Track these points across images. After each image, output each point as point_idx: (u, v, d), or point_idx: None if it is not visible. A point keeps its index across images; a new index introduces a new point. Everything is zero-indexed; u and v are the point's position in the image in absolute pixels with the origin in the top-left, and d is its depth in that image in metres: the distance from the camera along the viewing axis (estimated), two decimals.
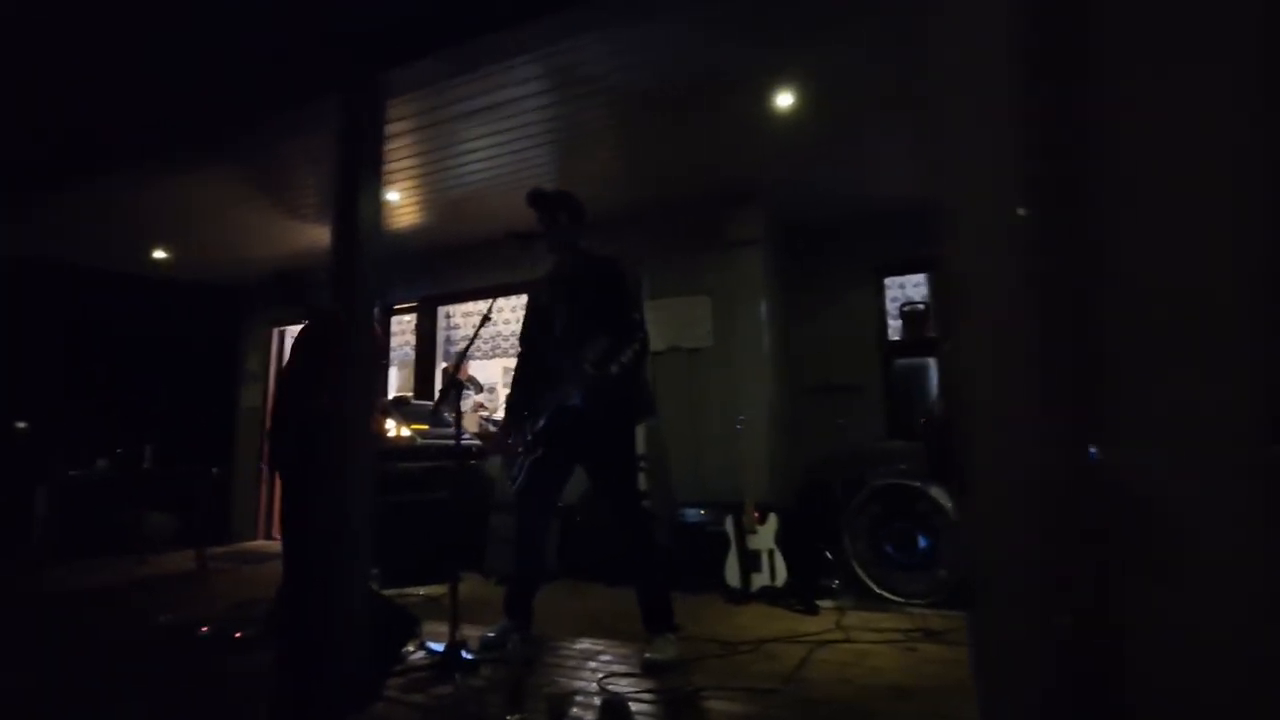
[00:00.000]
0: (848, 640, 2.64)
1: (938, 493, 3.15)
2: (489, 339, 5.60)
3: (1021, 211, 0.82)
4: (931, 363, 4.31)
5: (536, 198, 2.66)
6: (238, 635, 2.81)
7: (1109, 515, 0.74)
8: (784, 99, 3.25)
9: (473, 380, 5.35)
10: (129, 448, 5.20)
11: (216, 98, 3.53)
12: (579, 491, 3.78)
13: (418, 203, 4.70)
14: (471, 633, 2.59)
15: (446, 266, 5.33)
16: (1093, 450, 0.77)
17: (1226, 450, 0.74)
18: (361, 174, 2.64)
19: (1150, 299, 0.75)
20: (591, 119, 3.53)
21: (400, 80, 3.23)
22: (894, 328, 4.58)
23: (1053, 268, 0.80)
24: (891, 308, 4.64)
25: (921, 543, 3.22)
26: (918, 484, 3.19)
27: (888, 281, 4.67)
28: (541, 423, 2.60)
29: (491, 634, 2.60)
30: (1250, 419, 0.73)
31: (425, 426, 4.46)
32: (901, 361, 4.46)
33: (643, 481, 4.02)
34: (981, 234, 0.89)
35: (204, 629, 2.91)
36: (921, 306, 4.45)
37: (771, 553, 3.40)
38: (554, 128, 3.63)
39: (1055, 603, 0.78)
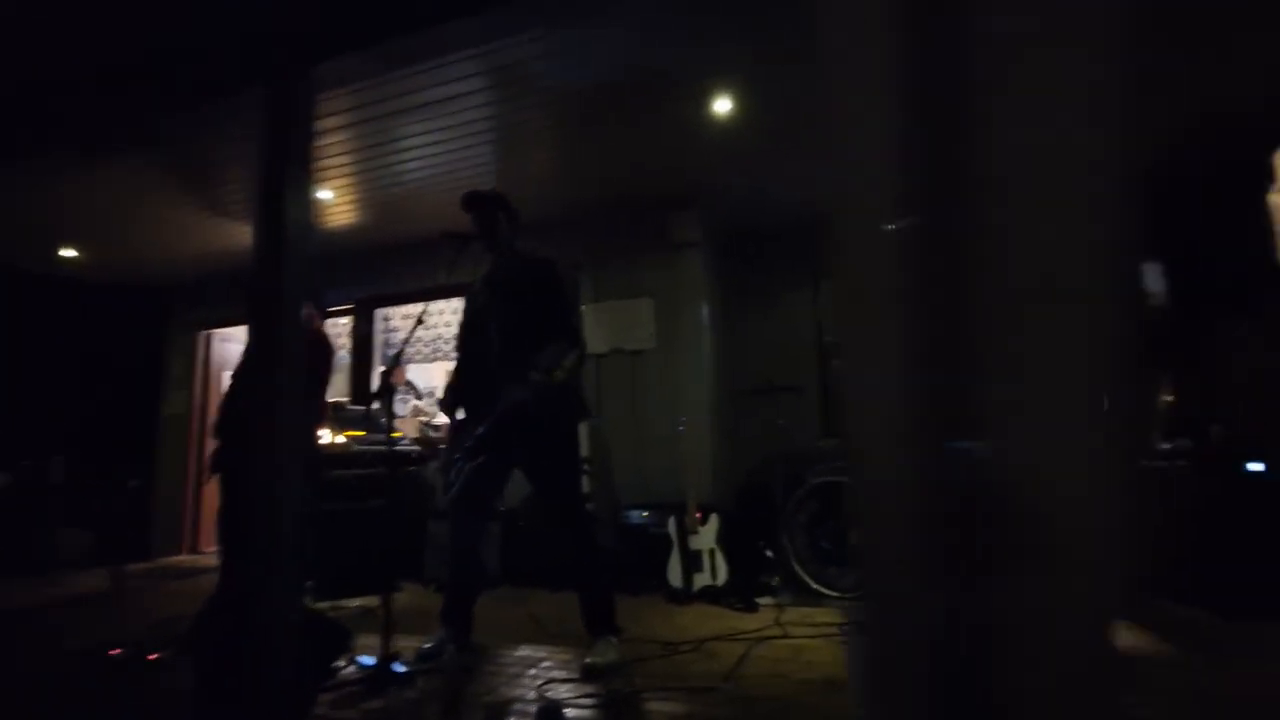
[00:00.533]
0: (785, 636, 2.70)
1: None
2: (429, 342, 5.47)
3: (892, 226, 0.86)
4: None
5: (471, 199, 2.63)
6: (152, 657, 2.65)
7: (978, 510, 0.78)
8: (723, 104, 3.30)
9: (410, 384, 5.22)
10: (36, 460, 4.84)
11: (133, 86, 3.33)
12: (521, 495, 3.73)
13: (353, 201, 4.56)
14: (409, 644, 2.53)
15: (384, 267, 5.19)
16: (965, 445, 0.81)
17: (1090, 444, 0.79)
18: (289, 170, 2.54)
19: (1018, 298, 0.80)
20: (531, 119, 3.51)
21: (331, 74, 3.13)
22: (832, 329, 4.72)
23: (926, 273, 0.84)
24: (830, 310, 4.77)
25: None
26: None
27: (824, 285, 4.80)
28: (481, 428, 2.56)
29: (428, 645, 2.54)
30: (1109, 414, 0.79)
31: (361, 432, 4.33)
32: (838, 363, 4.59)
33: (586, 484, 4.00)
34: (860, 244, 0.93)
35: (115, 651, 2.73)
36: None
37: (713, 552, 3.44)
38: (493, 126, 3.59)
39: (926, 597, 0.81)
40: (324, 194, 4.33)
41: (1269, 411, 3.62)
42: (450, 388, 2.78)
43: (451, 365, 4.59)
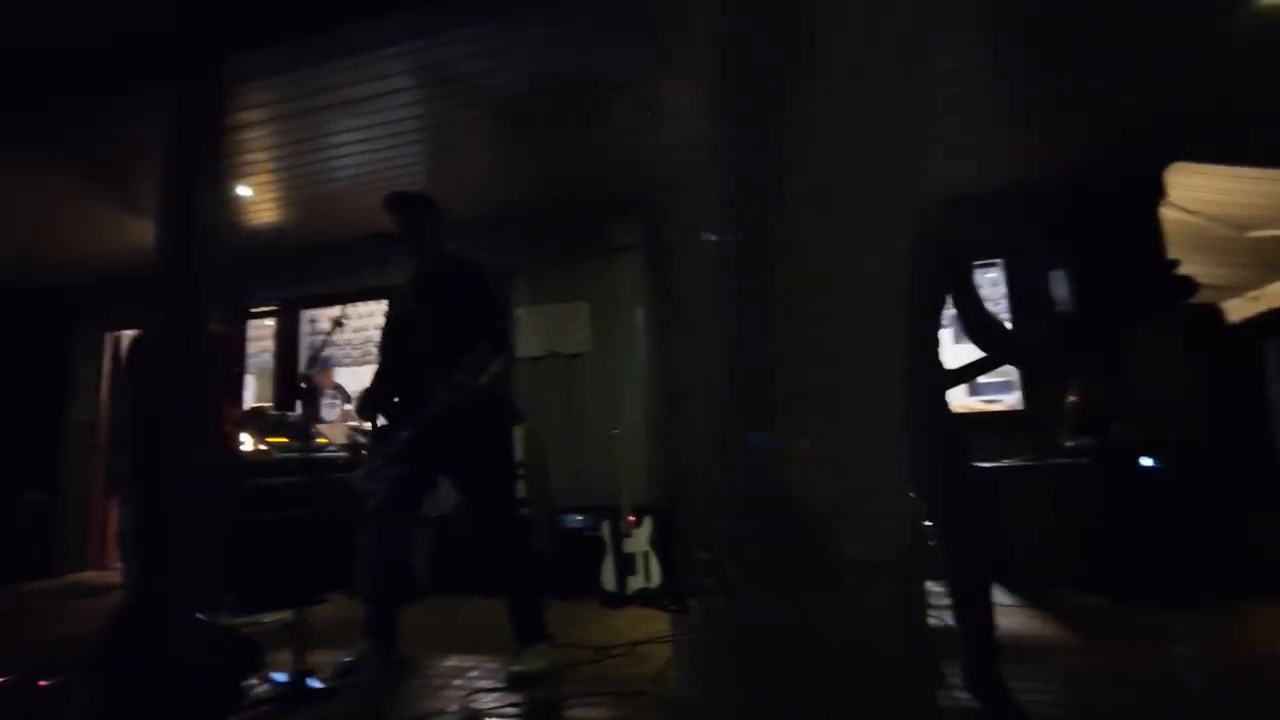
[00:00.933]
0: None
1: None
2: (359, 345, 5.30)
3: (712, 237, 0.89)
4: None
5: (394, 200, 2.57)
6: (43, 684, 2.47)
7: (781, 515, 0.82)
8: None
9: (339, 389, 5.05)
10: None
11: (32, 78, 3.11)
12: (454, 502, 3.66)
13: (277, 198, 4.38)
14: (331, 658, 2.44)
15: (312, 268, 4.99)
16: (769, 448, 0.84)
17: (887, 447, 0.84)
18: (198, 168, 2.42)
19: (825, 306, 0.84)
20: (465, 118, 3.45)
21: (249, 67, 3.00)
22: None
23: (744, 281, 0.88)
24: None
25: None
26: None
27: None
28: (406, 434, 2.50)
29: (349, 659, 2.45)
30: (908, 418, 0.83)
31: (284, 439, 4.16)
32: None
33: (521, 488, 3.96)
34: (690, 256, 0.97)
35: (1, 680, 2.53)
36: None
37: (647, 555, 3.45)
38: (424, 126, 3.51)
39: (736, 597, 0.84)
40: (244, 190, 4.14)
41: (1161, 410, 3.90)
42: (368, 393, 2.70)
43: None
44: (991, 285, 4.78)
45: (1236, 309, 6.73)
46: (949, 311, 2.08)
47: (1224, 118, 3.89)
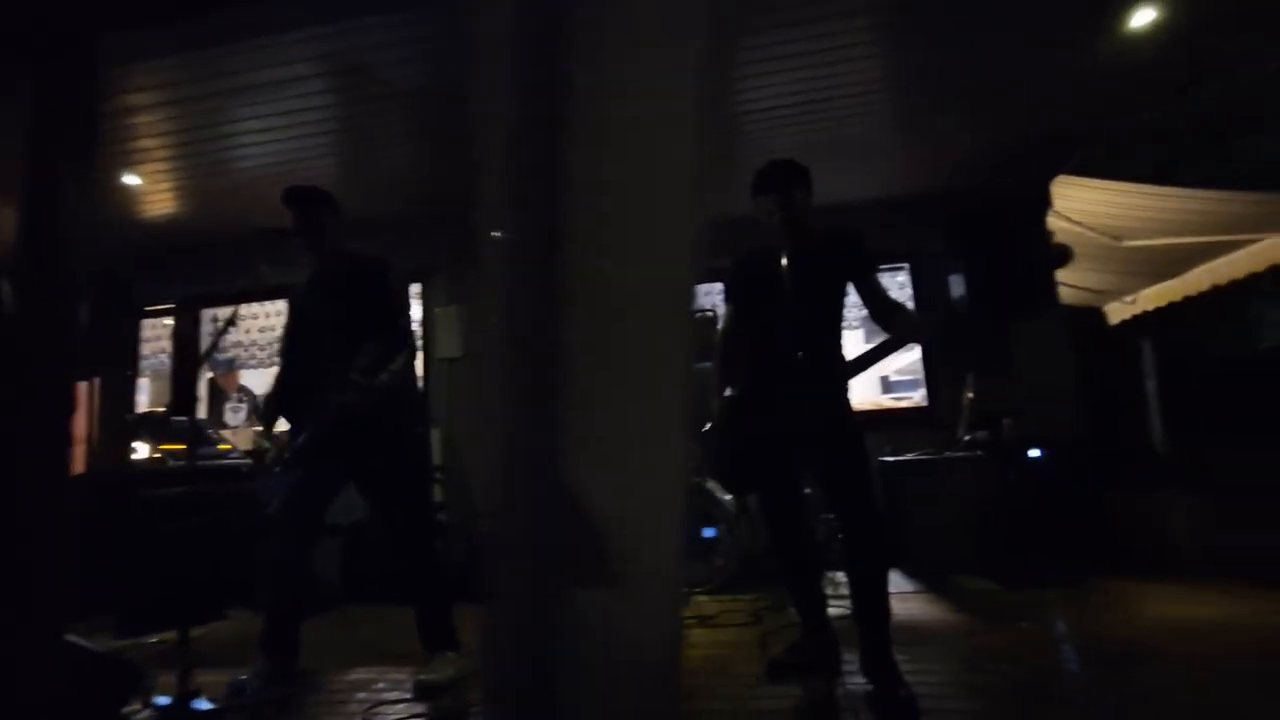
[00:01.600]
0: None
1: (714, 486, 3.40)
2: (266, 345, 5.03)
3: (496, 234, 0.92)
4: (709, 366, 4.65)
5: (291, 195, 2.46)
6: None
7: (560, 524, 0.84)
8: None
9: (245, 391, 4.78)
10: None
11: None
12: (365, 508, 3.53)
13: (172, 189, 4.11)
14: (225, 678, 2.30)
15: (214, 264, 4.69)
16: (554, 461, 0.86)
17: (663, 464, 0.88)
18: (64, 155, 2.22)
19: (605, 321, 0.88)
20: (377, 111, 3.33)
21: (135, 45, 2.81)
22: None
23: (523, 296, 0.91)
24: None
25: (706, 534, 3.45)
26: (697, 479, 3.42)
27: None
28: (302, 438, 2.39)
29: (244, 677, 2.33)
30: (683, 434, 0.88)
31: (181, 446, 3.89)
32: (706, 364, 4.75)
33: (438, 493, 3.86)
34: (479, 247, 1.00)
35: None
36: (710, 313, 4.79)
37: None
38: (332, 118, 3.37)
39: (515, 602, 0.87)
40: (131, 179, 3.86)
41: (1049, 406, 4.20)
42: (270, 396, 2.58)
43: None
44: (899, 287, 5.02)
45: (1116, 311, 7.34)
46: (853, 305, 2.18)
47: (1098, 136, 4.22)
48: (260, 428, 4.54)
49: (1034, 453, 3.64)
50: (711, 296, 4.76)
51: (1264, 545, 4.10)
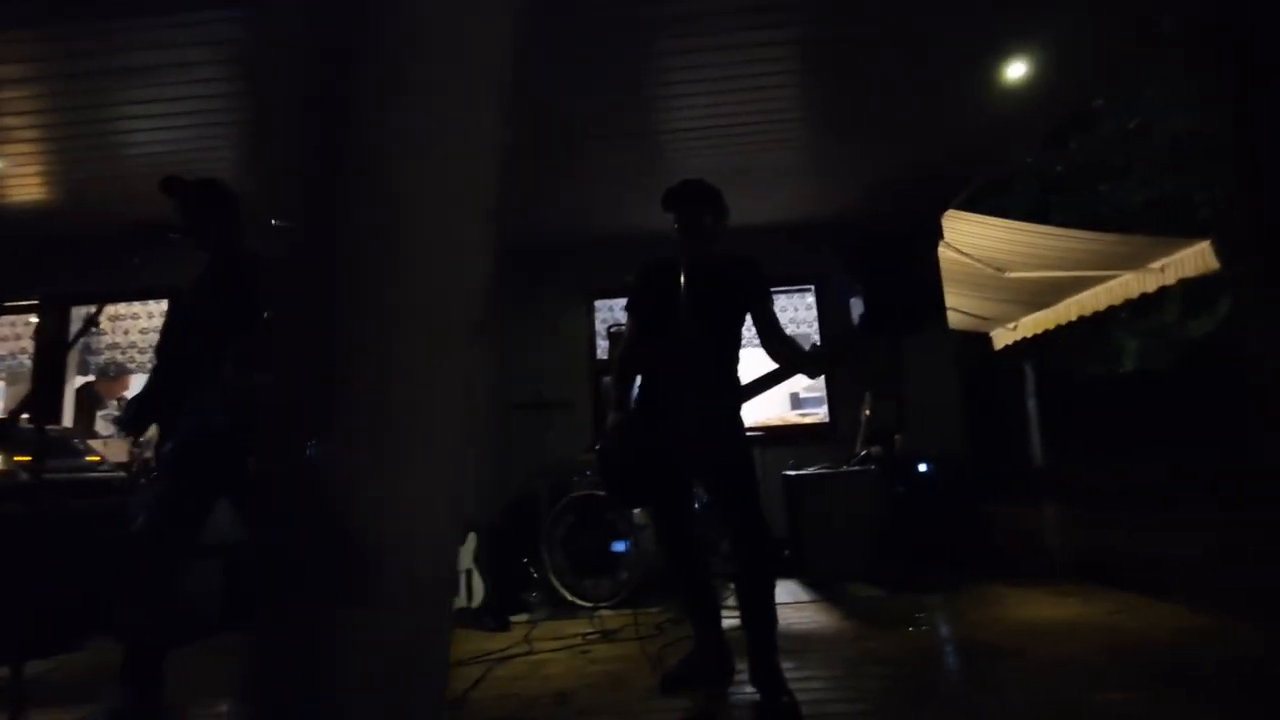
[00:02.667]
0: (529, 653, 2.70)
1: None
2: (146, 349, 4.64)
3: (275, 221, 0.94)
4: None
5: (171, 185, 2.28)
6: None
7: (331, 530, 0.86)
8: None
9: (124, 400, 4.39)
10: None
11: None
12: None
13: (43, 174, 3.76)
14: (79, 713, 2.09)
15: (91, 258, 4.30)
16: (323, 460, 0.88)
17: (446, 466, 0.91)
18: None
19: (384, 314, 0.90)
20: (270, 104, 3.17)
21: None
22: (602, 348, 4.90)
23: (310, 289, 0.93)
24: (601, 328, 4.96)
25: (617, 548, 3.45)
26: (603, 493, 3.43)
27: (597, 304, 4.99)
28: (169, 446, 2.22)
29: (94, 710, 2.12)
30: (462, 449, 0.91)
31: (33, 457, 3.52)
32: (607, 379, 4.78)
33: None
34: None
35: None
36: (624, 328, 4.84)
37: (470, 572, 3.35)
38: (226, 108, 3.18)
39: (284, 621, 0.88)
40: None
41: (936, 422, 4.49)
42: (137, 399, 2.37)
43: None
44: (807, 308, 5.25)
45: (1001, 337, 7.98)
46: (748, 329, 2.26)
47: (983, 174, 4.59)
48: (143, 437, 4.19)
49: (923, 467, 3.88)
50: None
51: (1116, 548, 4.53)
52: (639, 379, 2.34)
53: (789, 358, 2.12)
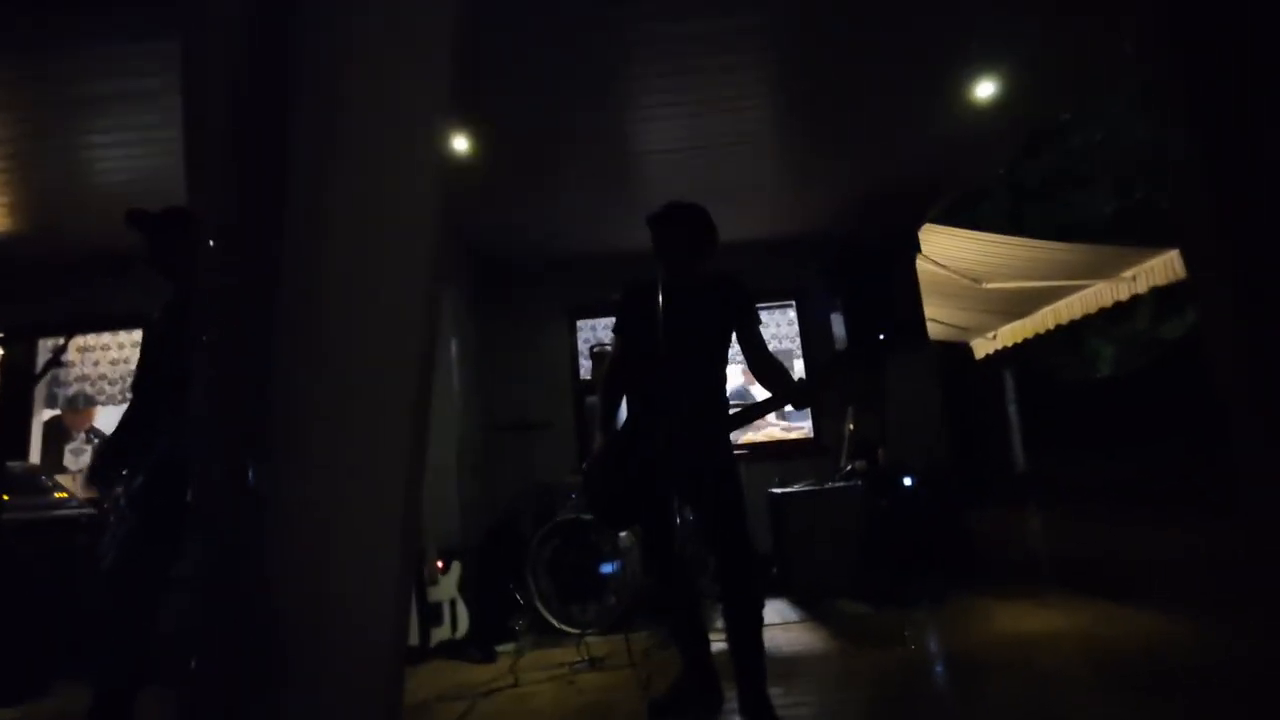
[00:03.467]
0: (514, 685, 2.65)
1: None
2: (118, 380, 4.53)
3: (212, 243, 0.95)
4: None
5: (136, 218, 2.24)
6: None
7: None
8: (461, 143, 3.28)
9: (94, 433, 4.29)
10: None
11: None
12: None
13: (8, 204, 3.67)
14: None
15: (57, 287, 4.21)
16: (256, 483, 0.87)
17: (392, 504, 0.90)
18: None
19: (320, 335, 0.90)
20: None
21: None
22: (585, 367, 4.88)
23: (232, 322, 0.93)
24: (583, 348, 4.94)
25: (604, 572, 3.41)
26: (590, 516, 3.39)
27: (580, 323, 4.97)
28: (140, 480, 2.15)
29: None
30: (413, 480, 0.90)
31: (4, 496, 3.41)
32: (591, 399, 4.75)
33: None
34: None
35: None
36: (610, 347, 4.82)
37: (454, 602, 3.29)
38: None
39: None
40: None
41: (919, 433, 4.51)
42: (107, 449, 2.30)
43: None
44: (789, 323, 5.27)
45: (980, 346, 8.08)
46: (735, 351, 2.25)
47: (958, 186, 4.65)
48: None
49: (907, 481, 3.89)
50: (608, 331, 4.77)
51: (1096, 553, 4.57)
52: (625, 400, 2.33)
53: (775, 390, 2.12)
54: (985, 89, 3.20)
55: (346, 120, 0.89)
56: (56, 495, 3.76)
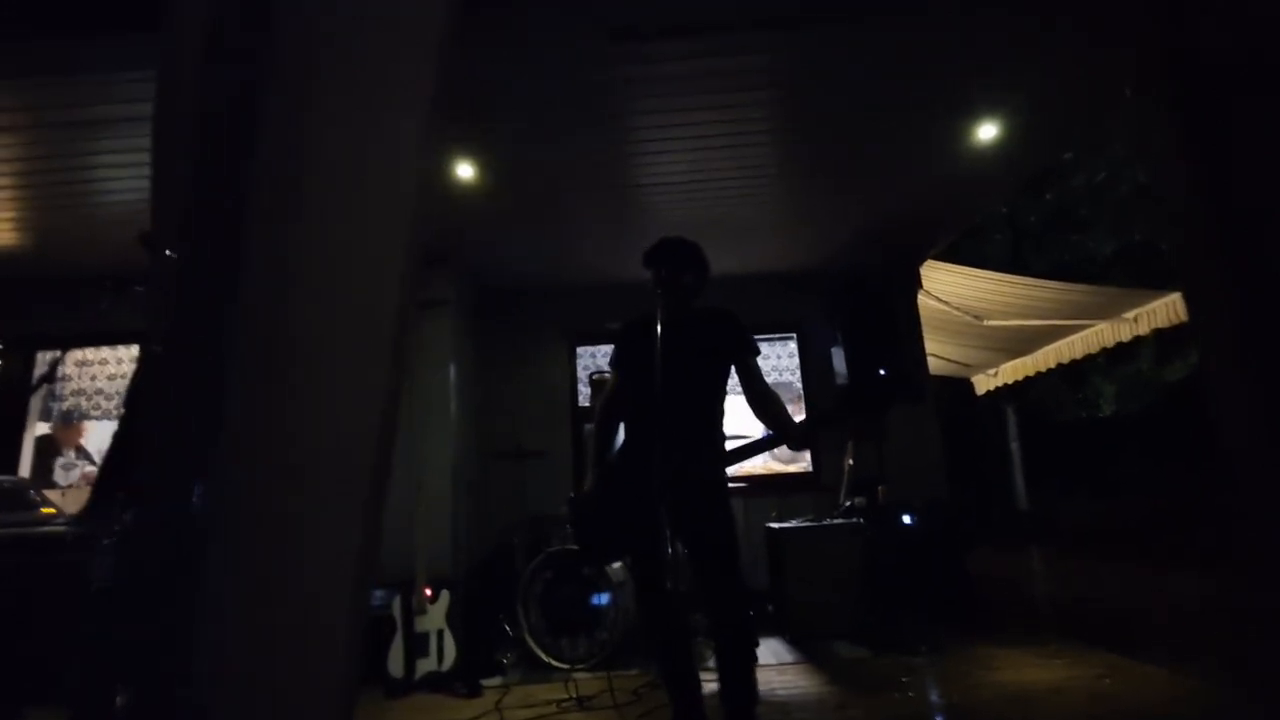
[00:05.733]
0: None
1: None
2: (114, 395, 4.51)
3: (169, 253, 0.94)
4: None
5: (151, 240, 2.24)
6: None
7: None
8: (465, 170, 3.30)
9: (82, 450, 4.25)
10: None
11: None
12: None
13: (14, 221, 3.69)
14: None
15: (58, 302, 4.21)
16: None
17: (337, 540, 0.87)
18: None
19: (281, 346, 0.87)
20: None
21: None
22: (584, 394, 4.85)
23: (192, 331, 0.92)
24: (583, 374, 4.92)
25: (595, 605, 3.33)
26: (576, 546, 3.33)
27: (579, 350, 4.95)
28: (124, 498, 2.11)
29: None
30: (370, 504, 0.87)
31: None
32: (590, 427, 4.71)
33: None
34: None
35: None
36: (609, 375, 4.79)
37: (441, 633, 3.22)
38: None
39: None
40: None
41: (919, 470, 4.46)
42: (109, 458, 2.27)
43: None
44: (789, 356, 5.25)
45: (982, 383, 8.05)
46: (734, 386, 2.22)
47: (959, 224, 4.67)
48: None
49: (907, 519, 3.83)
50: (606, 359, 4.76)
51: (1100, 600, 4.47)
52: (620, 434, 2.31)
53: (771, 427, 2.10)
54: (987, 131, 3.23)
55: (316, 124, 0.87)
56: (43, 510, 3.71)
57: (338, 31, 0.88)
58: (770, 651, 3.33)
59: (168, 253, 0.90)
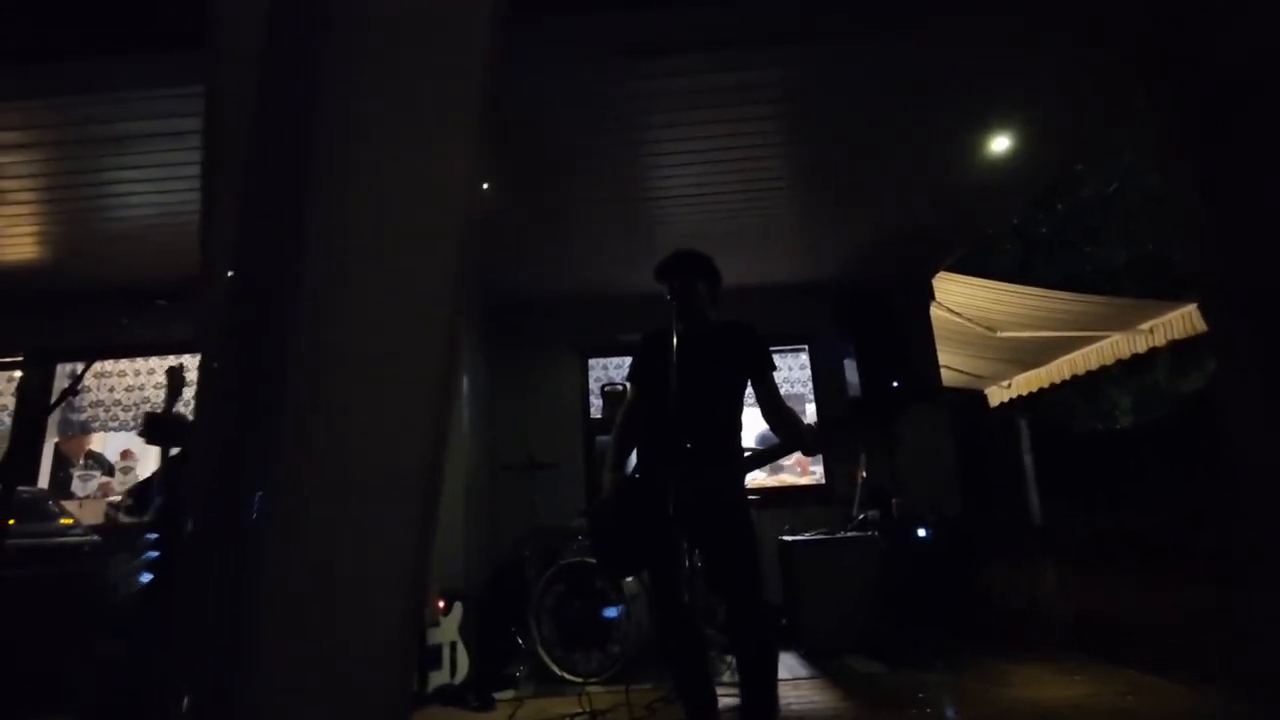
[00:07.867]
0: None
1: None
2: (130, 406, 4.56)
3: (161, 302, 0.97)
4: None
5: None
6: None
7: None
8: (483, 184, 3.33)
9: (94, 457, 4.29)
10: None
11: None
12: None
13: (39, 235, 3.76)
14: None
15: (81, 315, 4.28)
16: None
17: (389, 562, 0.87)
18: None
19: (334, 364, 0.88)
20: None
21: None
22: (596, 406, 4.86)
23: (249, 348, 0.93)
24: (594, 387, 4.92)
25: (608, 619, 3.32)
26: (593, 559, 3.32)
27: (591, 362, 4.96)
28: (156, 505, 2.14)
29: None
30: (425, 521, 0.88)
31: (10, 521, 3.40)
32: (602, 439, 4.71)
33: None
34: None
35: None
36: (620, 387, 4.80)
37: (454, 645, 3.21)
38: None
39: None
40: None
41: (932, 483, 4.42)
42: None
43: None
44: (801, 367, 5.24)
45: (995, 395, 7.98)
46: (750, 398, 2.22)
47: (972, 235, 4.66)
48: (113, 498, 4.07)
49: (922, 532, 3.79)
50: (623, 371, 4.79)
51: (1119, 616, 4.40)
52: (638, 447, 2.30)
53: (786, 436, 2.09)
54: (1000, 143, 3.23)
55: (369, 144, 0.89)
56: (62, 521, 3.74)
57: (386, 51, 0.90)
58: (785, 666, 3.29)
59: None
